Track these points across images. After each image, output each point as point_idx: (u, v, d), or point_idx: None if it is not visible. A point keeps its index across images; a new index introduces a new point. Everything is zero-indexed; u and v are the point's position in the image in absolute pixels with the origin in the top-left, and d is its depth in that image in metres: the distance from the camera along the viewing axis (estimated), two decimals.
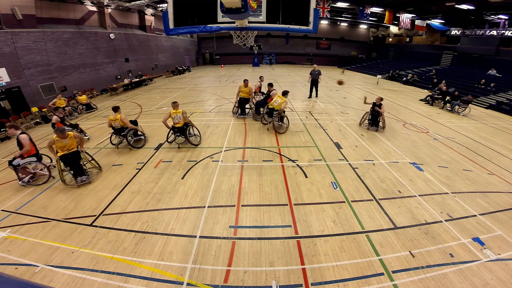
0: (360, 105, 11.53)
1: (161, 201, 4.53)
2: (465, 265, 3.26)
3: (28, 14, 10.54)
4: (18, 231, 3.89)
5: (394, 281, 3.03)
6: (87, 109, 10.91)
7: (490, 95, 13.75)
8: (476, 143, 7.53)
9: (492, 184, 5.25)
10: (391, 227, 3.90)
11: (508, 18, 16.26)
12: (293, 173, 5.44)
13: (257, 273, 3.13)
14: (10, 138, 8.28)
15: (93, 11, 14.96)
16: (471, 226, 3.98)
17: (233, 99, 12.30)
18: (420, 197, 4.67)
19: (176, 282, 3.01)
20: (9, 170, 5.93)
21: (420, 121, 9.56)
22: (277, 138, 7.34)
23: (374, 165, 5.84)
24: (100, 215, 4.20)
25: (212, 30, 5.44)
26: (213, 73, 24.29)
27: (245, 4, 4.15)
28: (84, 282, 3.02)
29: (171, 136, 6.84)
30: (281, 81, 18.20)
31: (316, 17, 5.26)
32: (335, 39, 32.27)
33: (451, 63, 21.25)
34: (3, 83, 9.54)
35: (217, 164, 5.85)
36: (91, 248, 3.52)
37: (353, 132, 7.89)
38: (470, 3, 15.22)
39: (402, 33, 24.94)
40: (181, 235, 3.73)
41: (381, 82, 19.89)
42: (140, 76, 18.18)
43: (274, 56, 33.27)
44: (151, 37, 20.84)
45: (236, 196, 4.67)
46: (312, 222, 3.98)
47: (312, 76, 12.35)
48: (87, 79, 14.22)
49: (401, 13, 19.96)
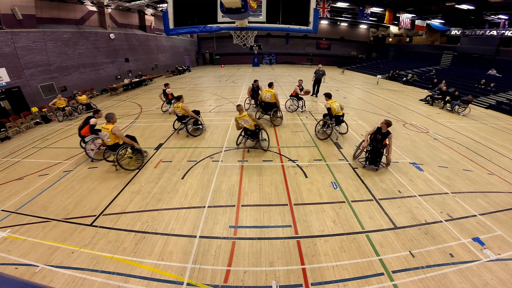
0: (361, 105, 11.54)
1: (161, 201, 4.53)
2: (465, 265, 3.26)
3: (28, 14, 10.54)
4: (18, 231, 3.89)
5: (394, 281, 3.03)
6: (87, 109, 10.89)
7: (490, 95, 13.75)
8: (476, 143, 7.53)
9: (492, 184, 5.25)
10: (391, 227, 3.90)
11: (508, 18, 16.26)
12: (293, 173, 5.44)
13: (257, 273, 3.13)
14: (10, 138, 8.30)
15: (93, 11, 14.96)
16: (471, 226, 3.98)
17: (233, 99, 12.33)
18: (420, 197, 4.67)
19: (176, 282, 3.01)
20: (10, 170, 5.94)
21: (420, 121, 9.55)
22: (277, 138, 7.34)
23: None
24: (100, 215, 4.20)
25: (212, 30, 5.43)
26: (213, 73, 24.28)
27: (245, 4, 4.15)
28: (84, 282, 3.02)
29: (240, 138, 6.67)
30: (281, 81, 18.19)
31: (316, 17, 5.25)
32: (335, 39, 32.27)
33: (451, 63, 21.26)
34: (3, 83, 9.55)
35: (217, 164, 5.85)
36: (91, 248, 3.52)
37: (353, 132, 7.88)
38: (470, 3, 15.22)
39: (402, 33, 24.94)
40: (181, 235, 3.73)
41: (381, 82, 19.89)
42: (140, 76, 18.18)
43: (274, 56, 33.26)
44: (151, 37, 20.84)
45: (236, 196, 4.67)
46: (312, 222, 3.98)
47: (316, 75, 12.57)
48: (87, 79, 14.22)
49: (401, 13, 19.96)
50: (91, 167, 5.84)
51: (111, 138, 5.26)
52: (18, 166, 6.16)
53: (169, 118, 9.42)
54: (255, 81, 9.48)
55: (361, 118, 9.43)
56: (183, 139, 7.35)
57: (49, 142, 7.69)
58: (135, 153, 5.81)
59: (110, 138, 5.25)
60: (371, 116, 9.81)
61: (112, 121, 5.33)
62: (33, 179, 5.42)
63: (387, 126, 5.30)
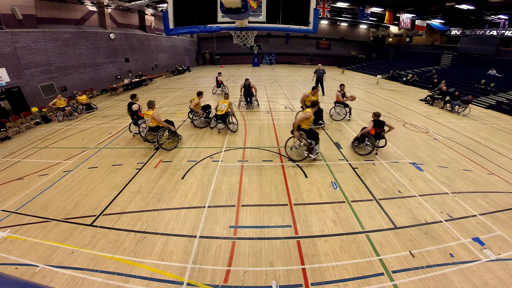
0: (361, 105, 11.54)
1: (161, 201, 4.53)
2: (465, 265, 3.25)
3: (28, 14, 10.54)
4: (18, 231, 3.89)
5: (394, 281, 3.03)
6: (87, 109, 10.91)
7: (490, 95, 13.74)
8: (476, 143, 7.52)
9: (492, 184, 5.25)
10: (391, 227, 3.90)
11: (508, 18, 16.25)
12: (293, 173, 5.44)
13: (257, 273, 3.13)
14: (10, 138, 8.30)
15: (93, 11, 14.96)
16: (471, 226, 3.98)
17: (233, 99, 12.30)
18: (420, 197, 4.67)
19: (176, 282, 3.01)
20: (10, 170, 5.95)
21: (420, 121, 9.55)
22: (277, 138, 7.35)
23: (374, 165, 5.84)
24: (100, 215, 4.20)
25: (212, 30, 5.43)
26: (213, 73, 24.21)
27: (245, 4, 4.15)
28: (84, 282, 3.02)
29: (213, 123, 7.89)
30: (281, 81, 18.20)
31: (316, 17, 5.25)
32: (335, 39, 32.26)
33: (451, 63, 21.25)
34: (3, 83, 9.54)
35: (217, 164, 5.85)
36: (91, 248, 3.52)
37: (353, 132, 7.88)
38: (470, 3, 15.22)
39: (402, 33, 24.93)
40: (181, 235, 3.73)
41: (381, 82, 19.88)
42: (140, 76, 18.17)
43: (274, 56, 33.26)
44: (151, 37, 20.83)
45: (236, 196, 4.67)
46: (312, 222, 3.98)
47: (317, 74, 12.94)
48: (87, 79, 14.22)
49: (401, 13, 19.95)
50: (91, 167, 5.85)
51: (152, 122, 6.24)
52: (18, 166, 6.16)
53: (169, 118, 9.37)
54: (246, 80, 10.32)
55: (361, 118, 9.43)
56: (182, 138, 7.35)
57: (49, 142, 7.69)
58: (171, 135, 6.90)
59: (152, 122, 6.24)
60: (371, 116, 9.77)
61: (152, 107, 6.34)
62: (33, 179, 5.42)
63: (378, 116, 6.23)
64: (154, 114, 6.16)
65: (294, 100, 12.22)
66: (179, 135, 7.10)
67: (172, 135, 6.88)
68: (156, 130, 6.36)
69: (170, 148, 6.59)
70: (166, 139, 6.78)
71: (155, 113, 6.19)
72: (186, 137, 7.46)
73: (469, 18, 18.20)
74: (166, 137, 6.81)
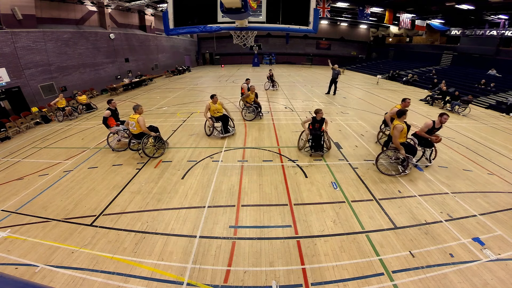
0: (361, 105, 11.54)
1: (161, 201, 4.53)
2: (465, 265, 3.25)
3: (28, 14, 10.54)
4: (18, 231, 3.89)
5: (394, 281, 3.03)
6: (87, 109, 10.91)
7: (490, 95, 13.74)
8: (476, 143, 7.52)
9: (492, 184, 5.25)
10: (391, 227, 3.90)
11: (508, 18, 16.25)
12: (293, 173, 5.44)
13: (257, 273, 3.13)
14: (10, 138, 8.30)
15: (93, 11, 14.96)
16: (471, 226, 3.98)
17: (233, 99, 12.32)
18: (420, 197, 4.67)
19: (176, 282, 3.01)
20: (10, 170, 5.95)
21: (420, 121, 9.54)
22: (277, 138, 7.35)
23: (374, 165, 5.84)
24: (100, 215, 4.20)
25: (212, 30, 5.43)
26: (213, 73, 24.29)
27: (245, 4, 4.15)
28: (84, 282, 3.02)
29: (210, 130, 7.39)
30: (281, 81, 18.18)
31: (316, 17, 5.25)
32: (335, 39, 32.26)
33: (451, 63, 21.25)
34: (3, 83, 9.55)
35: (217, 164, 5.85)
36: (91, 248, 3.52)
37: (353, 132, 7.88)
38: (470, 3, 15.22)
39: (402, 33, 24.94)
40: (181, 235, 3.73)
41: (381, 82, 19.88)
42: (140, 76, 18.17)
43: (274, 56, 33.25)
44: (151, 37, 20.84)
45: (236, 196, 4.67)
46: (312, 222, 3.98)
47: (333, 75, 13.36)
48: (87, 79, 14.22)
49: (401, 13, 19.96)
50: (91, 167, 5.85)
51: (137, 127, 5.83)
52: (18, 166, 6.16)
53: (169, 118, 9.44)
54: (247, 80, 10.36)
55: (361, 118, 9.43)
56: (182, 138, 7.35)
57: (49, 142, 7.69)
58: (157, 142, 6.42)
59: (136, 127, 5.83)
60: (371, 116, 9.80)
61: (138, 111, 5.88)
62: (33, 179, 5.42)
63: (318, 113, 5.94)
64: (140, 118, 5.77)
65: (294, 100, 12.22)
66: (165, 141, 6.71)
67: (158, 142, 6.45)
68: (140, 137, 5.97)
69: (157, 156, 6.21)
70: (152, 146, 6.37)
71: (141, 117, 5.80)
72: (186, 137, 7.46)
73: (469, 18, 18.20)
74: (152, 144, 6.38)
